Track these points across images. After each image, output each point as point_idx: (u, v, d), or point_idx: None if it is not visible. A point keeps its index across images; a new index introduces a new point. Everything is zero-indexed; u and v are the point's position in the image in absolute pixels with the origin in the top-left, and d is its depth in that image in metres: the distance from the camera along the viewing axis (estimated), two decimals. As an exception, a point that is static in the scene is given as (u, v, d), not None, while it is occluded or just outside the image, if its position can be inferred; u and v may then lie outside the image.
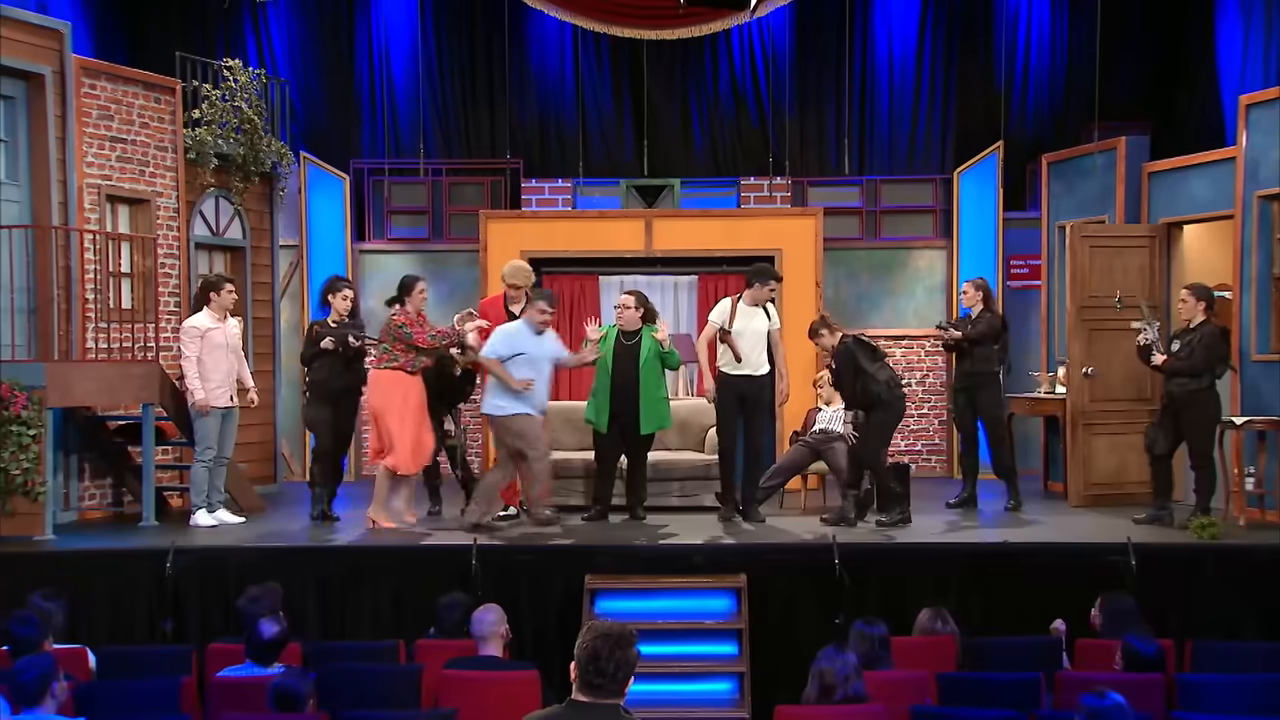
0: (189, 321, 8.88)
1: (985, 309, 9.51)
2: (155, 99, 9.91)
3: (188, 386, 8.75)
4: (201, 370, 8.69)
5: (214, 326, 8.80)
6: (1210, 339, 8.45)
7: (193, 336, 8.71)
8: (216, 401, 8.76)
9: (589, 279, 11.74)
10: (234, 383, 8.93)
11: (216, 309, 8.86)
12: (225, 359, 8.83)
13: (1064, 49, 13.02)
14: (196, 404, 8.69)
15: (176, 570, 7.51)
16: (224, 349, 8.83)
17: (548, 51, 13.30)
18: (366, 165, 12.94)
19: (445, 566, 7.59)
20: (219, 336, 8.81)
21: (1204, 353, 8.41)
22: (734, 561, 7.71)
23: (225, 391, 8.83)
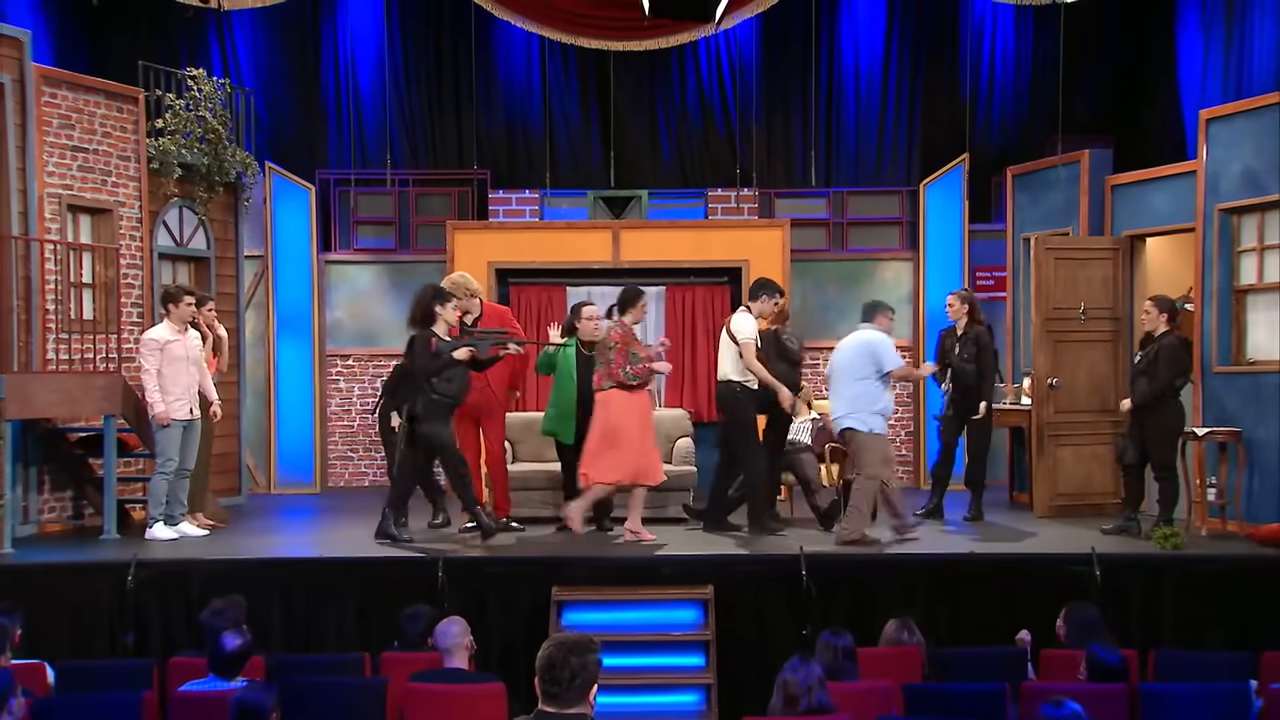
0: (148, 334, 8.83)
1: (972, 322, 9.50)
2: (118, 108, 9.84)
3: (147, 399, 8.68)
4: (161, 383, 8.64)
5: (174, 339, 8.74)
6: (1171, 350, 8.54)
7: (152, 349, 8.66)
8: (177, 414, 8.70)
9: (556, 290, 11.73)
10: (195, 395, 8.86)
11: (177, 320, 8.80)
12: (186, 371, 8.77)
13: (1028, 61, 13.13)
14: (156, 416, 8.62)
15: (138, 583, 7.45)
16: (185, 361, 8.77)
17: (515, 61, 13.28)
18: (332, 175, 12.88)
19: (412, 578, 7.57)
20: (179, 349, 8.75)
21: (1165, 366, 8.50)
22: (702, 573, 7.71)
23: (185, 404, 8.77)
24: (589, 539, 8.64)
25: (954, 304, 9.62)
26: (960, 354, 9.43)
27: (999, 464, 11.29)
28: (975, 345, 9.39)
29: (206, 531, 9.07)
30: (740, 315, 8.88)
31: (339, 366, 12.56)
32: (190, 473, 8.93)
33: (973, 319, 9.51)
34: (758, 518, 8.75)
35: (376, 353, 12.47)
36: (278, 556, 8.36)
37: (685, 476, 9.60)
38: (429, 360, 8.30)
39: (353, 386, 12.53)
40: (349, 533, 9.29)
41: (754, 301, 8.92)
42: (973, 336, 9.42)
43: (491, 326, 8.94)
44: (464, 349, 8.37)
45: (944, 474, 9.70)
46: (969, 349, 9.40)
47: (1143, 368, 8.58)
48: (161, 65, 10.74)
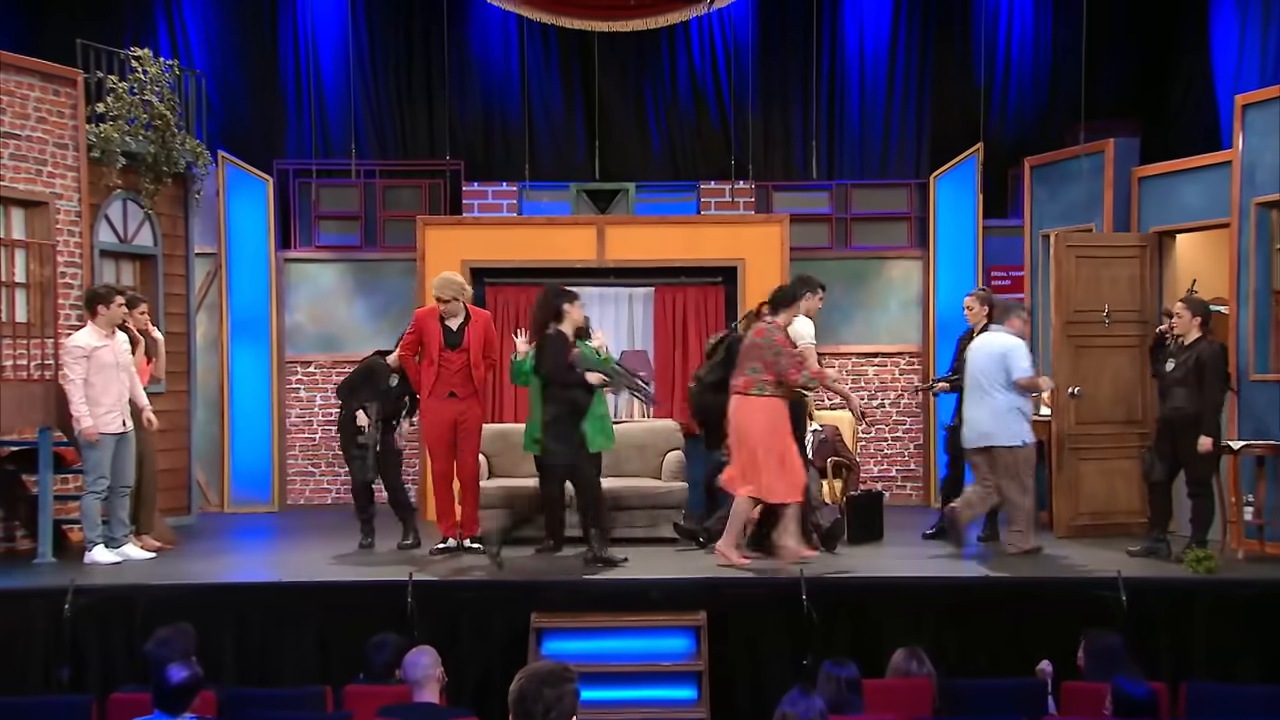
0: (72, 340, 8.68)
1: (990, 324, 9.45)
2: (54, 91, 9.78)
3: (73, 413, 8.55)
4: (89, 393, 8.52)
5: (101, 344, 8.63)
6: (1216, 359, 8.53)
7: (76, 357, 8.54)
8: (108, 428, 8.60)
9: (536, 291, 11.61)
10: (126, 405, 8.77)
11: (104, 324, 8.67)
12: (116, 379, 8.67)
13: (1048, 44, 13.15)
14: (83, 432, 8.52)
15: (76, 611, 7.39)
16: (114, 368, 8.66)
17: (491, 44, 13.27)
18: (292, 166, 12.84)
19: (378, 604, 7.54)
20: (107, 355, 8.64)
21: (1213, 375, 8.47)
22: (693, 597, 7.69)
23: (117, 415, 8.68)
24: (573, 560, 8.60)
25: (973, 306, 9.60)
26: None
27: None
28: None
29: (152, 554, 9.00)
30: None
31: (299, 374, 12.50)
32: (129, 490, 8.85)
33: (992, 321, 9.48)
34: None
35: (340, 359, 12.41)
36: (231, 581, 8.31)
37: (676, 493, 9.58)
38: (565, 371, 8.42)
39: (314, 395, 12.48)
40: (309, 555, 9.28)
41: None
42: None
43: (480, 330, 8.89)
44: (597, 375, 8.47)
45: (954, 491, 9.68)
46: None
47: (1180, 376, 8.56)
48: (103, 44, 10.68)
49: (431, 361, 8.83)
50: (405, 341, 9.07)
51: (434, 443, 8.92)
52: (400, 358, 9.12)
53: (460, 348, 8.84)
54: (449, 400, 8.82)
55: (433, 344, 8.82)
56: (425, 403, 8.92)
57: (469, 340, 8.85)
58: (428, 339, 8.86)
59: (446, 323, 8.86)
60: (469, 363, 8.85)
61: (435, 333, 8.82)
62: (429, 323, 8.89)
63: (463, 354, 8.84)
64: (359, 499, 9.35)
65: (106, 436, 8.60)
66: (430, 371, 8.84)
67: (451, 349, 8.82)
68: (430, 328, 8.86)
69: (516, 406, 11.44)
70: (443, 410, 8.83)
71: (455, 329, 8.86)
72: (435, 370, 8.81)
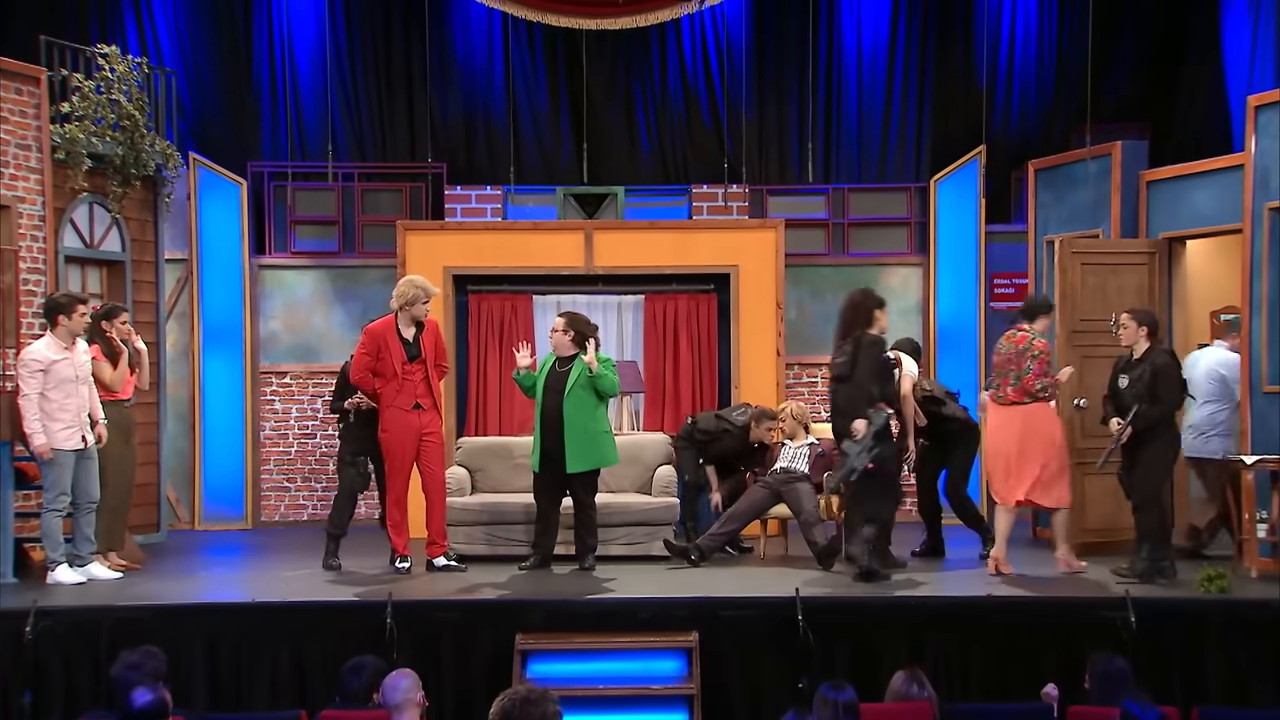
0: (29, 352, 8.57)
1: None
2: (16, 90, 9.75)
3: (25, 430, 8.45)
4: (46, 408, 8.42)
5: (60, 357, 8.52)
6: (1169, 370, 8.62)
7: (33, 370, 8.43)
8: (65, 444, 8.51)
9: (521, 299, 11.70)
10: (86, 420, 8.68)
11: (64, 335, 8.57)
12: (76, 394, 8.57)
13: (1052, 43, 13.18)
14: (36, 449, 8.43)
15: (38, 634, 7.33)
16: (74, 382, 8.57)
17: (474, 42, 13.27)
18: (267, 168, 12.82)
19: (356, 625, 7.53)
20: (67, 369, 8.53)
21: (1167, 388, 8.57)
22: (684, 617, 7.69)
23: (76, 431, 8.58)
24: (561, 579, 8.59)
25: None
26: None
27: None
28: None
29: (119, 574, 8.94)
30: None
31: (274, 385, 12.47)
32: (95, 506, 8.79)
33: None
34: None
35: (317, 369, 12.38)
36: (202, 601, 8.28)
37: (667, 509, 9.58)
38: (884, 381, 8.73)
39: (290, 408, 12.44)
40: (284, 574, 9.25)
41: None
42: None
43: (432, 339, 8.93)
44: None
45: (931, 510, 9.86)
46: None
47: (1137, 392, 8.58)
48: (68, 41, 10.66)
49: (394, 375, 8.81)
50: (361, 364, 8.90)
51: (399, 456, 8.89)
52: (358, 381, 8.98)
53: (419, 358, 8.87)
54: (414, 412, 8.85)
55: (395, 358, 8.80)
56: (388, 415, 8.87)
57: (425, 350, 8.89)
58: (387, 354, 8.81)
59: (403, 334, 8.87)
60: (427, 372, 8.88)
61: (396, 346, 8.82)
62: (387, 337, 8.85)
63: (422, 364, 8.87)
64: (341, 513, 9.32)
65: (64, 453, 8.51)
66: (393, 385, 8.82)
67: (412, 360, 8.85)
68: (389, 342, 8.83)
69: (501, 419, 11.42)
70: (409, 422, 8.83)
71: (413, 339, 8.88)
72: (399, 383, 8.81)
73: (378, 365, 8.84)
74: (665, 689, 7.41)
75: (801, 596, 7.58)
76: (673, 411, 11.56)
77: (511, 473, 9.85)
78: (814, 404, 11.57)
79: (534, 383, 9.04)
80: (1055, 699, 6.58)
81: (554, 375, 8.97)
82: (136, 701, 5.54)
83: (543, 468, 8.96)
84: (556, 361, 9.04)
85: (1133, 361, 8.70)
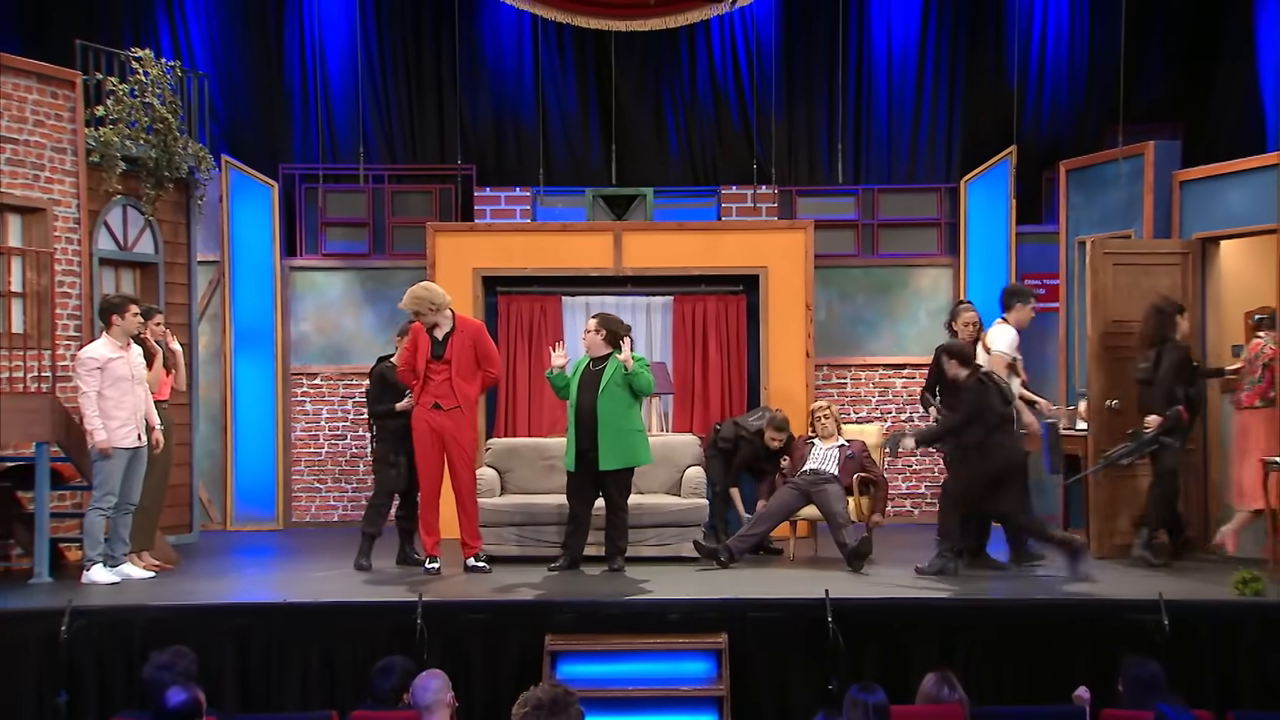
0: (86, 351, 8.74)
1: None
2: (52, 94, 9.83)
3: (87, 427, 8.61)
4: (103, 407, 8.56)
5: (116, 356, 8.67)
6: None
7: (90, 369, 8.58)
8: (121, 442, 8.64)
9: (550, 300, 11.71)
10: (141, 419, 8.81)
11: (119, 335, 8.73)
12: (132, 392, 8.71)
13: (1084, 42, 13.09)
14: (97, 446, 8.55)
15: (73, 633, 7.38)
16: (129, 381, 8.70)
17: (504, 44, 13.28)
18: (298, 171, 12.87)
19: (386, 626, 7.55)
20: (122, 367, 8.68)
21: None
22: (714, 619, 7.68)
23: (132, 430, 8.72)
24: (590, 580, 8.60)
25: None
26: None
27: (1051, 496, 11.24)
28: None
29: (152, 574, 9.01)
30: (998, 328, 9.37)
31: (305, 386, 12.52)
32: (134, 507, 8.87)
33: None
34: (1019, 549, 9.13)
35: (347, 370, 12.43)
36: (234, 602, 8.32)
37: (697, 510, 9.58)
38: (1187, 383, 9.18)
39: (320, 409, 12.50)
40: (314, 574, 9.29)
41: (1009, 312, 9.40)
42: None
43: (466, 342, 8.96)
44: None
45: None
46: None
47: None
48: (102, 45, 10.74)
49: (420, 374, 8.95)
50: (403, 358, 9.14)
51: (421, 455, 8.98)
52: (400, 374, 9.18)
53: (444, 359, 8.92)
54: (434, 412, 8.91)
55: (421, 357, 8.96)
56: (414, 414, 9.00)
57: (451, 352, 8.91)
58: (419, 353, 8.98)
59: (433, 334, 8.96)
60: (453, 374, 8.91)
61: (425, 345, 8.97)
62: (420, 336, 9.02)
63: (447, 366, 8.92)
64: (378, 513, 9.36)
65: (120, 451, 8.63)
66: (419, 383, 8.97)
67: (437, 360, 8.93)
68: (421, 341, 9.00)
69: (530, 421, 11.43)
70: (428, 421, 8.90)
71: (441, 339, 8.95)
72: (421, 382, 8.93)
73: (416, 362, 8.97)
74: (694, 690, 7.40)
75: (831, 598, 7.56)
76: (702, 413, 11.55)
77: (541, 473, 9.88)
78: (844, 405, 11.54)
79: (566, 383, 9.08)
80: (1087, 702, 6.55)
81: (588, 374, 9.03)
82: (170, 701, 5.57)
83: (577, 468, 9.00)
84: (590, 361, 9.10)
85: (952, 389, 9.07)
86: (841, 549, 9.12)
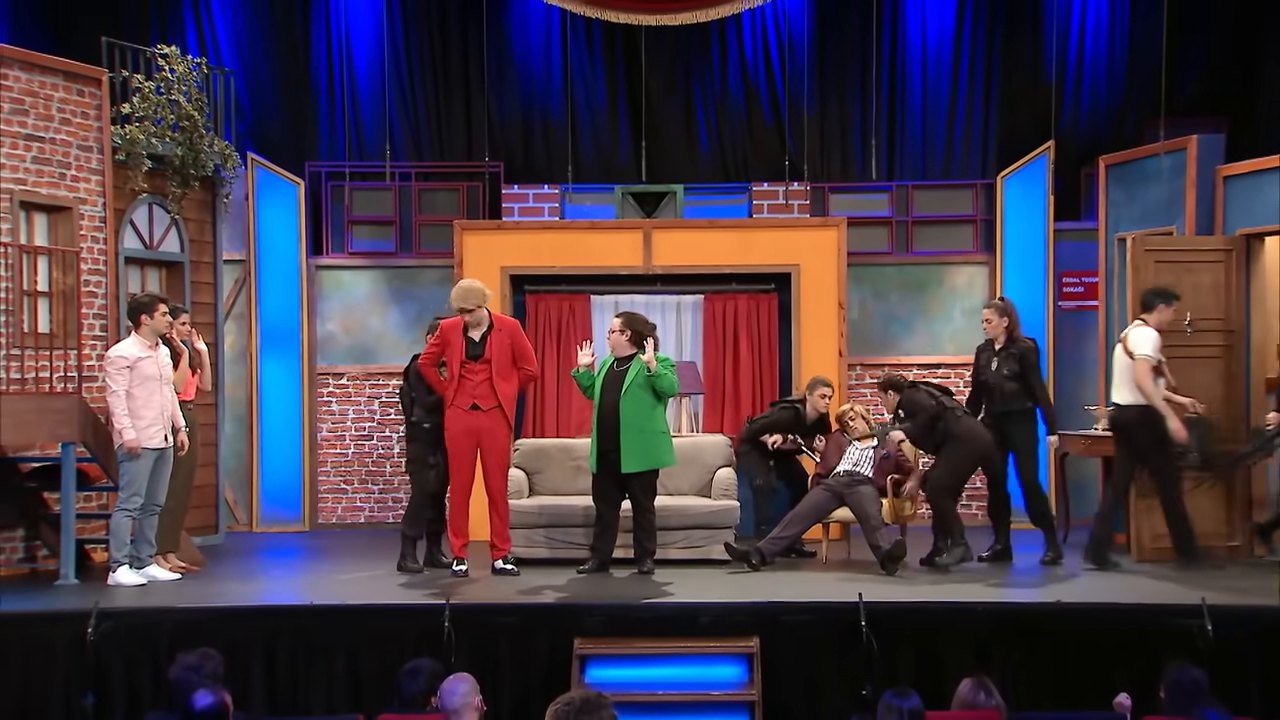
0: (115, 350, 8.83)
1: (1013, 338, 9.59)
2: (78, 91, 9.91)
3: (115, 426, 8.69)
4: (131, 406, 8.64)
5: (145, 355, 8.75)
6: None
7: (120, 368, 8.66)
8: (149, 442, 8.71)
9: (579, 299, 11.72)
10: (169, 420, 8.88)
11: (148, 334, 8.81)
12: (160, 392, 8.78)
13: (1125, 34, 13.02)
14: (126, 445, 8.63)
15: (99, 635, 7.42)
16: (157, 381, 8.77)
17: (532, 40, 13.31)
18: (324, 169, 12.94)
19: (413, 629, 7.57)
20: (151, 367, 8.75)
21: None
22: (745, 622, 7.67)
23: (160, 430, 8.78)
24: (619, 583, 8.61)
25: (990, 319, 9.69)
26: (1000, 370, 9.54)
27: (1091, 498, 11.18)
28: (1020, 363, 9.51)
29: (179, 575, 9.08)
30: (1138, 329, 9.21)
31: (331, 386, 12.58)
32: (160, 509, 8.93)
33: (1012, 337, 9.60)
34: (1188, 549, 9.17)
35: (374, 370, 12.49)
36: (260, 604, 8.35)
37: (727, 512, 9.58)
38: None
39: (347, 410, 12.55)
40: (341, 576, 9.32)
41: (1149, 313, 9.27)
42: (1017, 354, 9.52)
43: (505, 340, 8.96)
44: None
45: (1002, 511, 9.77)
46: (1010, 365, 9.53)
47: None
48: (128, 42, 10.82)
49: (453, 374, 8.94)
50: (428, 353, 9.14)
51: (455, 456, 8.99)
52: (420, 366, 9.22)
53: (483, 359, 8.91)
54: (471, 413, 8.90)
55: (455, 357, 8.93)
56: (447, 414, 8.99)
57: (491, 351, 8.91)
58: (450, 351, 8.95)
59: (469, 333, 8.94)
60: (493, 374, 8.90)
61: (458, 345, 8.93)
62: (453, 335, 8.97)
63: (486, 365, 8.90)
64: (418, 515, 9.35)
65: (147, 451, 8.70)
66: (452, 384, 8.95)
67: (474, 360, 8.91)
68: (454, 340, 8.95)
69: (559, 421, 11.46)
70: (465, 422, 8.90)
71: (478, 339, 8.93)
72: (457, 383, 8.92)
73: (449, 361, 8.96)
74: (726, 695, 7.40)
75: (865, 601, 7.54)
76: (732, 413, 11.55)
77: (570, 475, 9.89)
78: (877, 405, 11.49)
79: (592, 382, 9.10)
80: (1128, 709, 6.51)
81: (612, 375, 9.05)
82: (198, 704, 5.61)
83: (600, 469, 9.02)
84: (615, 361, 9.11)
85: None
86: (875, 551, 9.10)
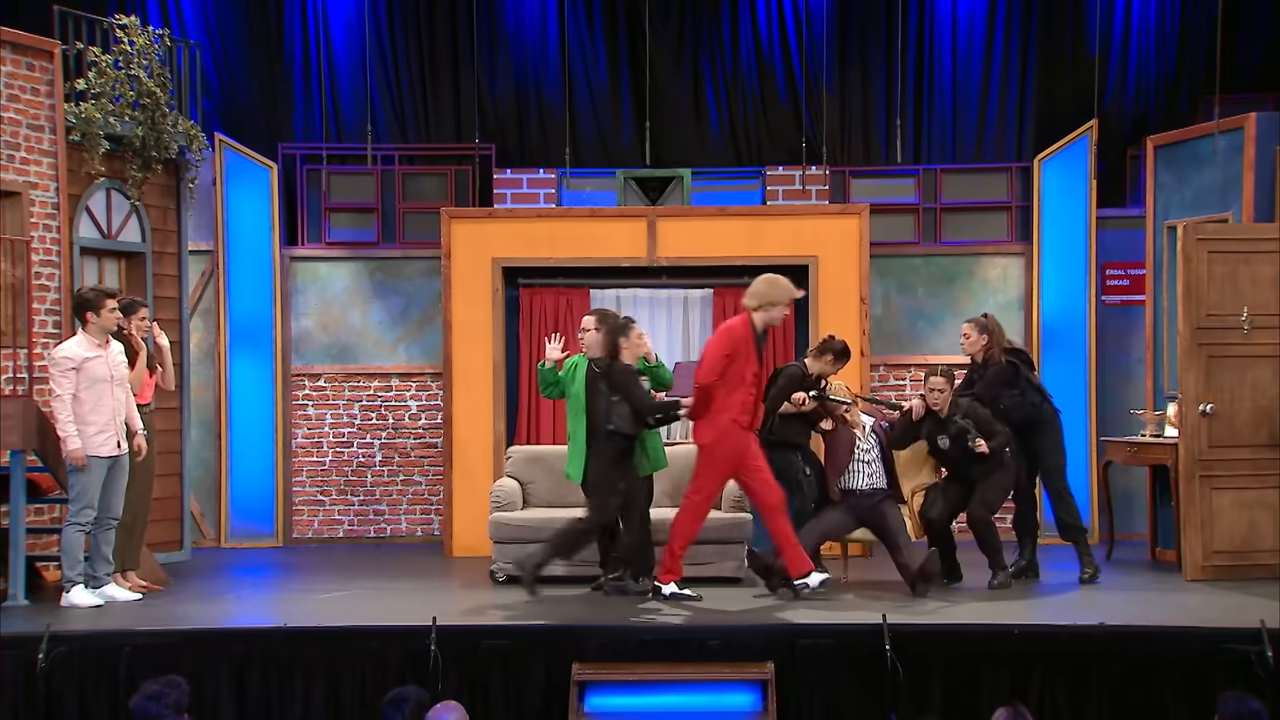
0: (59, 350, 8.73)
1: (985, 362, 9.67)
2: (27, 65, 9.89)
3: (60, 433, 8.61)
4: (79, 410, 8.56)
5: (93, 355, 8.66)
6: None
7: (65, 369, 8.57)
8: (98, 450, 8.64)
9: (578, 293, 11.72)
10: (121, 425, 8.81)
11: (96, 332, 8.72)
12: (110, 395, 8.71)
13: (1174, 3, 13.02)
14: (70, 454, 8.56)
15: (51, 662, 7.41)
16: (107, 383, 8.69)
17: (526, 11, 13.31)
18: (299, 151, 12.93)
19: (396, 652, 7.57)
20: (100, 367, 8.67)
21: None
22: (759, 647, 7.66)
23: (111, 436, 8.71)
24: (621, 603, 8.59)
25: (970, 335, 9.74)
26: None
27: (1138, 511, 11.17)
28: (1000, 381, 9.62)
29: (139, 595, 9.05)
30: None
31: (307, 388, 12.56)
32: (116, 522, 8.90)
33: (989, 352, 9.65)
34: None
35: (354, 371, 12.46)
36: (230, 626, 8.33)
37: (739, 526, 9.55)
38: None
39: (324, 414, 12.53)
40: (318, 595, 9.32)
41: None
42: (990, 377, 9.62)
43: (735, 346, 8.59)
44: None
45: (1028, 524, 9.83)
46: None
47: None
48: (83, 11, 10.80)
49: (744, 383, 8.52)
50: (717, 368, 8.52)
51: (717, 477, 8.75)
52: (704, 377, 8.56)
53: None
54: (746, 432, 8.60)
55: (749, 365, 8.55)
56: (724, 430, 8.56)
57: None
58: (745, 359, 8.53)
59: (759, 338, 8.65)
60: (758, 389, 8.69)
61: (753, 352, 8.56)
62: (745, 342, 8.57)
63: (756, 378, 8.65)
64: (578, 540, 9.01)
65: (97, 460, 8.63)
66: (740, 395, 8.51)
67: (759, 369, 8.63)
68: (743, 346, 8.54)
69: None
70: (742, 443, 8.57)
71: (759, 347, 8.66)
72: (749, 394, 8.54)
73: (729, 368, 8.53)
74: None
75: (889, 624, 7.53)
76: (746, 418, 11.50)
77: (566, 485, 9.82)
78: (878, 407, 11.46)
79: (556, 380, 9.07)
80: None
81: (594, 376, 8.93)
82: (157, 735, 5.58)
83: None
84: (592, 363, 9.01)
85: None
86: (903, 572, 9.05)
